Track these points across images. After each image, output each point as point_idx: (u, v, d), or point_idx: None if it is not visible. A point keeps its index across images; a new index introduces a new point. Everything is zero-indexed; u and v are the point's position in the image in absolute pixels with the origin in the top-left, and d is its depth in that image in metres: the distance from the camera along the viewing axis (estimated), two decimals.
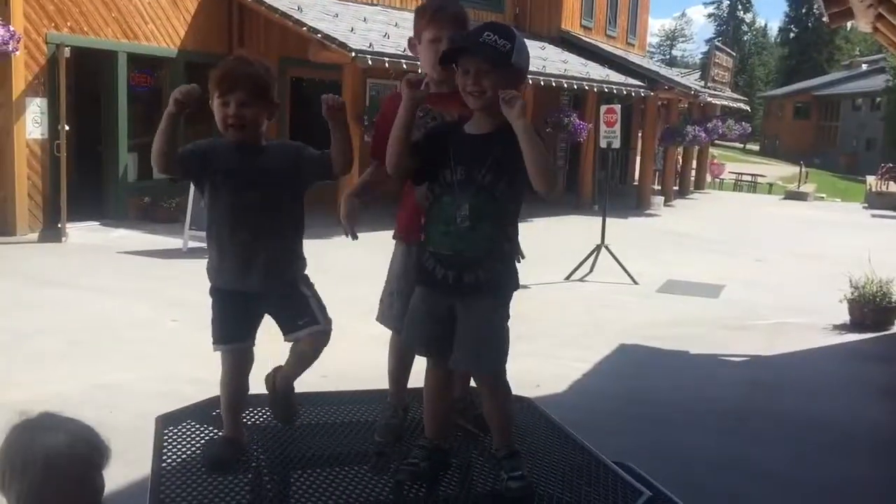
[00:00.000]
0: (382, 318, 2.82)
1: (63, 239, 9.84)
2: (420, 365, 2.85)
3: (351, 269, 7.74)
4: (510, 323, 2.42)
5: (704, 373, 6.36)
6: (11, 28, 9.34)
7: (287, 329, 2.53)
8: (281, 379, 2.67)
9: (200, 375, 5.45)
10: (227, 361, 2.53)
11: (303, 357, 2.58)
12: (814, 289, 9.40)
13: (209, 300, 2.60)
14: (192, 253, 9.58)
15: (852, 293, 7.75)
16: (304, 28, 11.15)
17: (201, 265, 2.64)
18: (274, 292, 2.50)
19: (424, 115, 2.67)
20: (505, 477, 2.34)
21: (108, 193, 11.52)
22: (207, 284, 2.61)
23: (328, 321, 2.54)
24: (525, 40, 2.47)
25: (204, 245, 9.75)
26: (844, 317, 7.81)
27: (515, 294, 2.46)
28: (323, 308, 2.56)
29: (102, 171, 11.47)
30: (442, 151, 2.40)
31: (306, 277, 2.60)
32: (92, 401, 4.88)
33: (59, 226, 9.89)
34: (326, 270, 2.67)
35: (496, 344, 2.38)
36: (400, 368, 2.77)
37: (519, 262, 2.49)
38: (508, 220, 2.41)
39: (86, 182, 11.21)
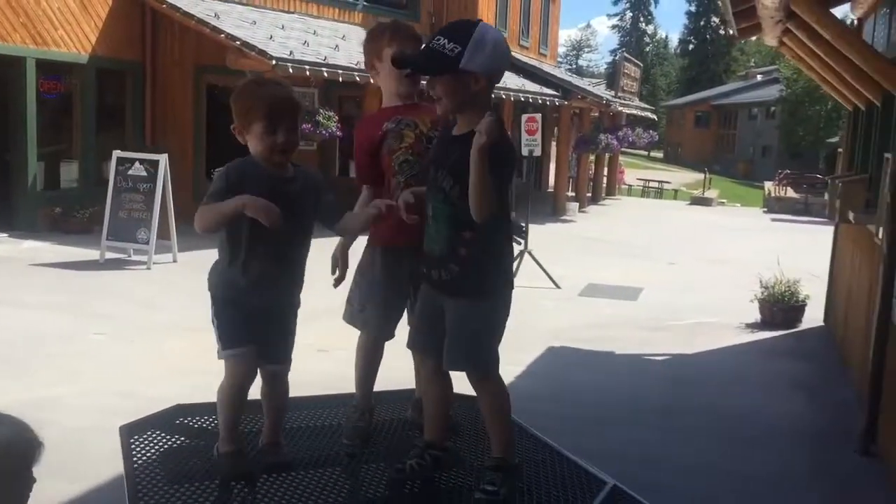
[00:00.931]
0: (350, 318, 2.86)
1: None
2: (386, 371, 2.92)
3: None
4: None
5: (630, 372, 6.60)
6: None
7: (270, 356, 2.53)
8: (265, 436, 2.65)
9: (132, 388, 5.37)
10: (235, 366, 2.45)
11: (276, 405, 2.59)
12: (725, 290, 9.84)
13: (134, 312, 2.60)
14: (109, 264, 9.35)
15: (762, 293, 8.16)
16: (223, 35, 11.00)
17: (120, 277, 2.63)
18: (280, 314, 2.52)
19: (398, 124, 2.74)
20: (480, 486, 2.36)
21: (16, 204, 11.08)
22: (128, 296, 2.61)
23: (290, 361, 2.59)
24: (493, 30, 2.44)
25: (122, 256, 9.48)
26: (756, 316, 8.22)
27: None
28: (292, 347, 2.60)
29: (10, 181, 11.03)
30: (430, 150, 2.51)
31: (296, 309, 2.62)
32: (21, 417, 4.73)
33: None
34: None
35: (463, 344, 2.40)
36: (368, 371, 2.82)
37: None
38: (464, 226, 2.37)
39: None
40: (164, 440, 2.57)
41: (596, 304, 9.02)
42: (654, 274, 11.02)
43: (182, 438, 2.59)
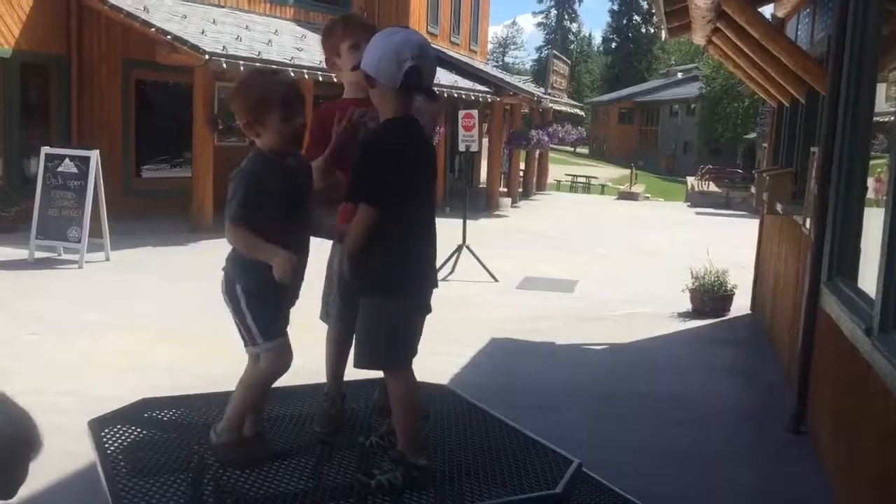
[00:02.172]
0: (324, 317, 2.92)
1: None
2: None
3: None
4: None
5: (570, 361, 6.78)
6: None
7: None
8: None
9: (71, 387, 5.28)
10: (278, 355, 2.44)
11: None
12: (656, 281, 10.15)
13: (67, 312, 2.60)
14: (39, 263, 9.10)
15: (693, 283, 8.46)
16: (153, 29, 10.81)
17: (51, 275, 2.62)
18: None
19: (364, 115, 2.79)
20: (374, 473, 2.36)
21: None
22: (61, 296, 2.61)
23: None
24: (397, 34, 2.45)
25: (52, 254, 9.23)
26: (687, 305, 8.52)
27: None
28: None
29: None
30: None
31: None
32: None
33: None
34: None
35: (362, 341, 2.47)
36: (336, 360, 2.87)
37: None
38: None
39: None
40: (136, 433, 2.58)
41: (534, 296, 9.20)
42: (588, 266, 11.29)
43: (154, 431, 2.60)
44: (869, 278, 3.98)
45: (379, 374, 2.82)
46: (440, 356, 6.48)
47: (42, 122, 12.18)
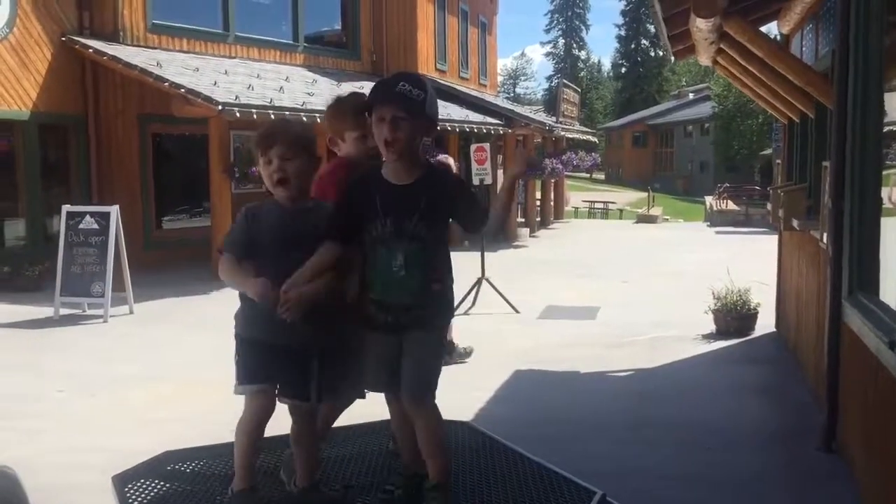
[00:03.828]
0: None
1: None
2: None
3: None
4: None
5: (596, 389, 6.73)
6: None
7: (326, 389, 2.58)
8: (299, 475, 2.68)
9: (100, 443, 5.31)
10: (253, 402, 2.51)
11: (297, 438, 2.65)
12: (679, 303, 10.08)
13: (93, 367, 2.67)
14: (65, 320, 9.20)
15: (715, 304, 8.40)
16: (167, 84, 11.00)
17: (77, 331, 2.67)
18: (322, 348, 2.56)
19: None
20: None
21: None
22: (86, 351, 2.67)
23: (319, 400, 2.63)
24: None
25: (77, 311, 9.39)
26: (711, 327, 8.44)
27: None
28: (321, 386, 2.62)
29: None
30: (370, 203, 2.56)
31: (328, 349, 2.64)
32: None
33: None
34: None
35: (427, 374, 2.54)
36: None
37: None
38: (438, 262, 2.58)
39: None
40: (159, 487, 2.59)
41: (556, 325, 9.17)
42: (610, 292, 11.24)
43: (176, 484, 2.61)
44: (891, 291, 3.95)
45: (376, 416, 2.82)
46: (463, 390, 6.46)
47: (62, 181, 12.40)
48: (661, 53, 66.54)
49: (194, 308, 9.86)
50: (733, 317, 8.29)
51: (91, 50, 11.89)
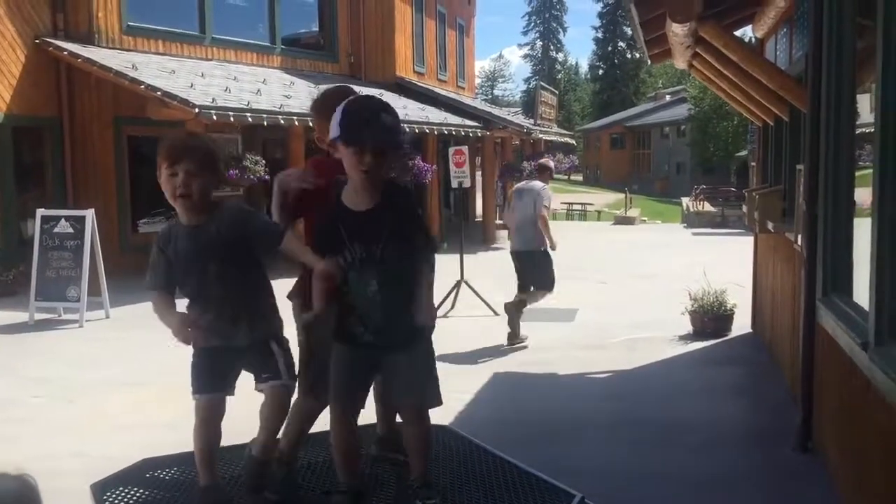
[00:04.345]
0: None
1: None
2: None
3: None
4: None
5: (574, 391, 6.76)
6: None
7: (256, 380, 2.68)
8: (256, 446, 2.74)
9: (79, 449, 5.26)
10: (203, 410, 2.61)
11: (267, 415, 2.69)
12: (656, 304, 10.15)
13: (70, 372, 2.76)
14: (40, 325, 9.11)
15: (692, 305, 8.47)
16: (142, 86, 10.92)
17: (53, 336, 2.70)
18: (250, 348, 2.61)
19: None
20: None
21: None
22: (63, 356, 2.74)
23: (292, 377, 2.70)
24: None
25: (52, 315, 9.33)
26: (688, 328, 8.51)
27: None
28: (290, 366, 2.72)
29: None
30: (335, 232, 2.59)
31: (279, 336, 2.74)
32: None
33: None
34: None
35: (433, 379, 2.60)
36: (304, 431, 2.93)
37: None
38: (412, 280, 2.64)
39: None
40: (138, 494, 2.58)
41: (534, 327, 9.18)
42: (588, 294, 11.29)
43: (156, 491, 2.60)
44: (864, 292, 4.00)
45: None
46: (442, 394, 6.49)
47: (37, 184, 12.27)
48: (637, 56, 66.99)
49: None
50: (710, 318, 8.36)
51: (65, 52, 11.78)
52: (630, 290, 11.87)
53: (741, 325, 8.53)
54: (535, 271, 8.35)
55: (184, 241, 2.56)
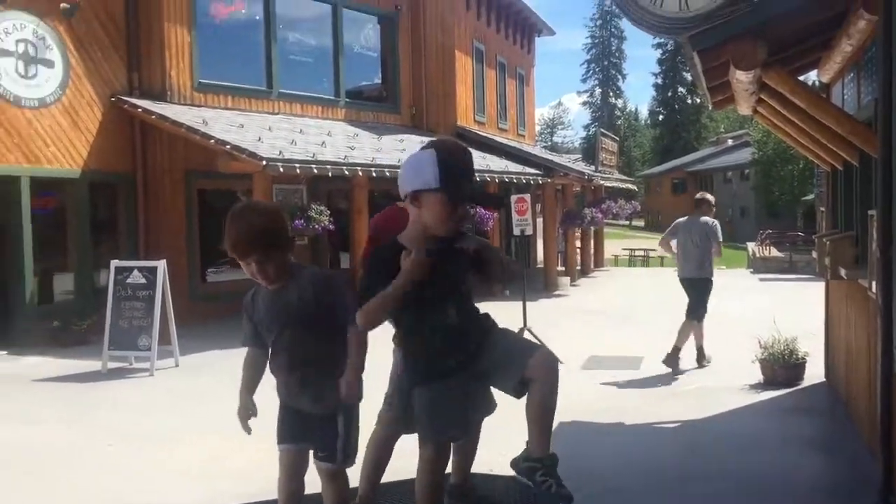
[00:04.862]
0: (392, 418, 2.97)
1: None
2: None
3: None
4: None
5: (642, 441, 6.63)
6: None
7: (314, 455, 2.75)
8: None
9: (151, 498, 5.36)
10: (282, 460, 2.71)
11: (327, 495, 2.74)
12: (725, 351, 9.91)
13: (141, 420, 2.87)
14: (113, 374, 9.36)
15: (762, 353, 8.26)
16: (213, 140, 11.29)
17: (124, 385, 2.80)
18: (316, 417, 2.66)
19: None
20: (552, 482, 2.70)
21: (13, 320, 11.12)
22: (134, 404, 2.86)
23: (347, 459, 2.76)
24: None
25: (124, 364, 9.60)
26: (758, 376, 8.30)
27: None
28: (350, 448, 2.76)
29: (7, 298, 11.10)
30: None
31: (349, 409, 2.76)
32: None
33: None
34: None
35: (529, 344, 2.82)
36: (381, 466, 2.92)
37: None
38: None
39: None
40: None
41: (600, 376, 9.08)
42: (653, 341, 11.08)
43: None
44: None
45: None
46: (506, 442, 6.42)
47: (111, 236, 12.71)
48: (698, 101, 66.57)
49: (240, 360, 9.90)
50: (781, 367, 8.14)
51: (140, 109, 12.27)
52: None
53: (813, 374, 8.28)
54: (696, 297, 9.22)
55: (263, 304, 2.65)
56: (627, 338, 11.48)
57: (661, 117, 78.33)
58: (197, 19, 13.40)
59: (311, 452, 2.73)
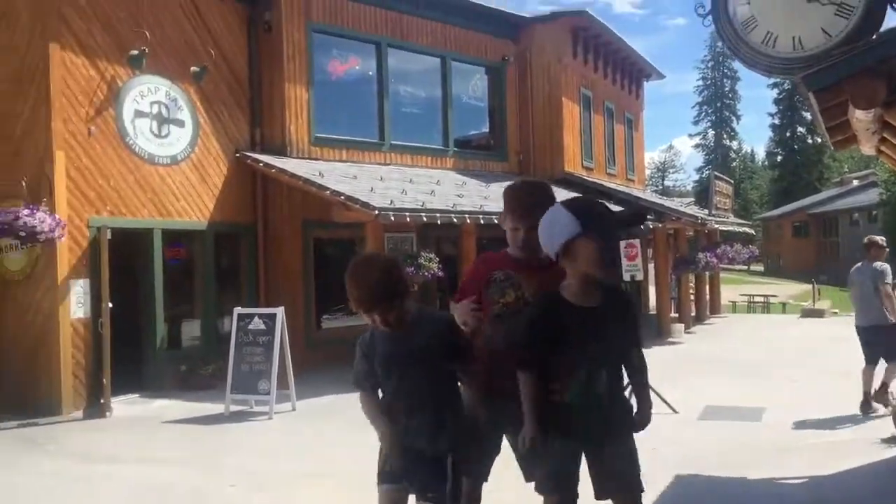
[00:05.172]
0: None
1: (108, 414, 9.98)
2: None
3: None
4: None
5: (767, 499, 6.35)
6: (57, 216, 9.89)
7: (418, 495, 2.76)
8: None
9: None
10: (380, 500, 2.79)
11: None
12: (853, 404, 9.40)
13: (261, 462, 2.96)
14: (234, 417, 9.71)
15: (894, 406, 7.80)
16: (328, 192, 11.71)
17: (245, 428, 2.90)
18: (428, 458, 2.72)
19: (506, 279, 2.96)
20: None
21: (145, 365, 11.73)
22: (255, 447, 2.95)
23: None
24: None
25: (245, 407, 9.96)
26: (890, 430, 7.82)
27: None
28: (457, 490, 2.81)
29: (140, 344, 11.73)
30: (561, 329, 2.72)
31: (462, 453, 2.84)
32: None
33: (103, 401, 10.06)
34: None
35: (639, 468, 2.97)
36: None
37: None
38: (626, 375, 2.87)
39: (122, 355, 11.46)
40: None
41: (718, 427, 8.77)
42: (775, 392, 10.66)
43: None
44: None
45: None
46: None
47: (234, 284, 13.28)
48: (819, 140, 64.16)
49: (354, 405, 10.09)
50: None
51: (261, 164, 12.88)
52: (823, 387, 11.07)
53: None
54: (883, 345, 9.03)
55: (382, 346, 2.74)
56: (747, 387, 11.04)
57: (779, 158, 75.66)
58: (314, 77, 14.01)
59: (417, 492, 2.77)
